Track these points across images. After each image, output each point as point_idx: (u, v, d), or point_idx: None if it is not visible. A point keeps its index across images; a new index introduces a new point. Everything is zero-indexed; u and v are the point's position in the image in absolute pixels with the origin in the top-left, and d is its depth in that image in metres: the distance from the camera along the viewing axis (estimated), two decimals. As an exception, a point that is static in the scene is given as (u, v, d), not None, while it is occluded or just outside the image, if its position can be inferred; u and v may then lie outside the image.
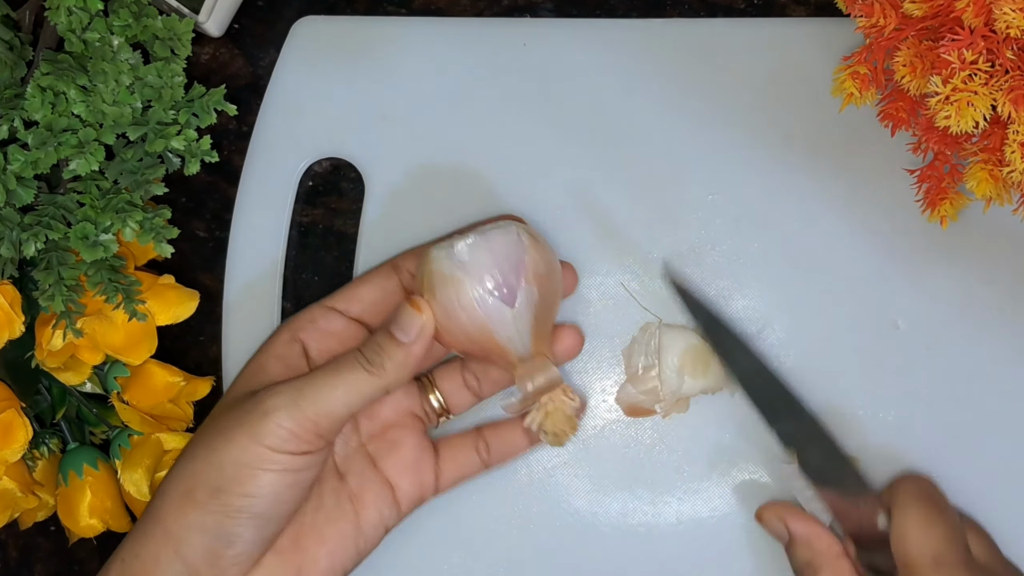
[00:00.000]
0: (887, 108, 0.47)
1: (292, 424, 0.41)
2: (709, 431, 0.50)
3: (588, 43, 0.52)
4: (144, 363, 0.51)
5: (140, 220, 0.46)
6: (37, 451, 0.52)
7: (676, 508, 0.50)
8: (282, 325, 0.48)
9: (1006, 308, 0.50)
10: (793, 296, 0.51)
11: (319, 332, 0.47)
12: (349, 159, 0.53)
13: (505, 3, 0.55)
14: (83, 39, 0.47)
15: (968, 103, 0.40)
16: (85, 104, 0.46)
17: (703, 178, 0.51)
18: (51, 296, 0.47)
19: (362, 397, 0.43)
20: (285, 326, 0.47)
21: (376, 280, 0.48)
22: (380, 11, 0.55)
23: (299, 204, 0.54)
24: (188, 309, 0.51)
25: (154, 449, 0.50)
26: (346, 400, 0.42)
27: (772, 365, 0.49)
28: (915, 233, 0.50)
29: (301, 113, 0.53)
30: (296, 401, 0.42)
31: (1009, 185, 0.44)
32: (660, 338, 0.50)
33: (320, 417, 0.42)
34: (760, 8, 0.54)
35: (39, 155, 0.46)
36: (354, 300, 0.48)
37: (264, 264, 0.53)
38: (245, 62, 0.56)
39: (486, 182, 0.52)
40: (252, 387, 0.45)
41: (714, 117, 0.52)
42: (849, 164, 0.51)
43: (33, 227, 0.46)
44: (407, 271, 0.48)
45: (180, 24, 0.48)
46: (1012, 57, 0.40)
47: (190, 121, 0.48)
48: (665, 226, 0.51)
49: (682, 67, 0.52)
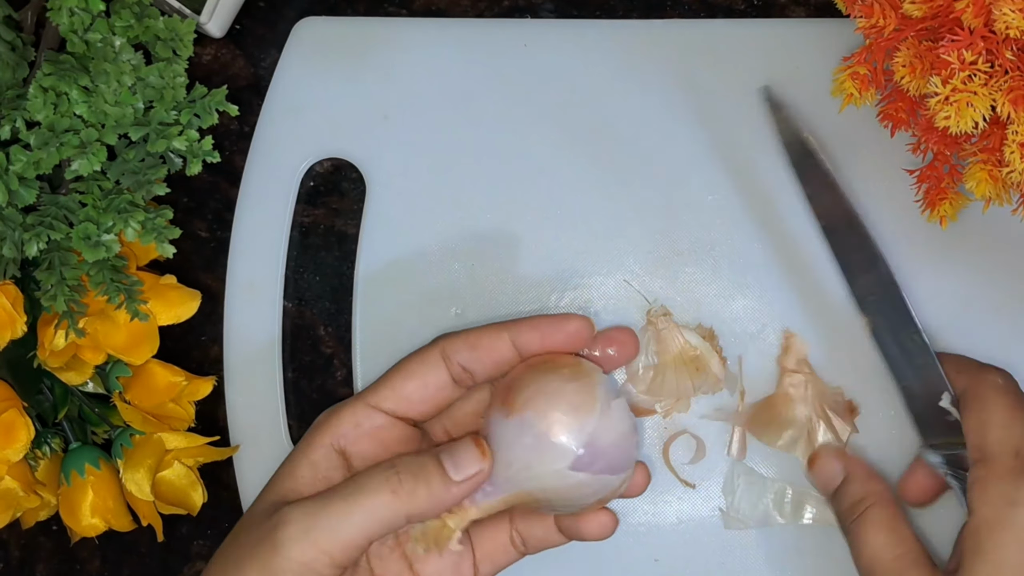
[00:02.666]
0: (887, 108, 0.47)
1: (304, 557, 0.39)
2: (709, 430, 0.50)
3: (588, 44, 0.53)
4: (146, 363, 0.51)
5: (142, 220, 0.47)
6: (39, 451, 0.52)
7: (676, 508, 0.50)
8: (322, 424, 0.44)
9: (1006, 308, 0.50)
10: (793, 296, 0.51)
11: (363, 436, 0.44)
12: (350, 159, 0.53)
13: (505, 4, 0.55)
14: (85, 40, 0.47)
15: (967, 103, 0.40)
16: (87, 105, 0.46)
17: (703, 178, 0.52)
18: (53, 296, 0.47)
19: (383, 525, 0.40)
20: (325, 428, 0.44)
21: (425, 375, 0.44)
22: (381, 12, 0.55)
23: (300, 204, 0.54)
24: (190, 309, 0.51)
25: (156, 448, 0.50)
26: (364, 528, 0.39)
27: (859, 212, 0.47)
28: (914, 233, 0.50)
29: (302, 113, 0.53)
30: (308, 532, 0.39)
31: (1008, 185, 0.44)
32: (660, 338, 0.50)
33: (334, 547, 0.39)
34: (760, 9, 0.54)
35: (41, 155, 0.46)
36: (402, 399, 0.44)
37: (265, 264, 0.53)
38: (246, 63, 0.56)
39: (487, 182, 0.52)
40: (280, 497, 0.42)
41: (714, 117, 0.52)
42: (848, 164, 0.51)
43: (35, 227, 0.46)
44: (459, 365, 0.44)
45: (182, 25, 0.48)
46: (1011, 57, 0.40)
47: (192, 121, 0.48)
48: (665, 226, 0.52)
49: (682, 67, 0.52)
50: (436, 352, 0.44)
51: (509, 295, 0.52)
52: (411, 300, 0.52)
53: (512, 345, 0.44)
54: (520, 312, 0.51)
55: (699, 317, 0.51)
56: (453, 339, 0.44)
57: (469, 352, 0.44)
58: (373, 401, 0.44)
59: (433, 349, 0.44)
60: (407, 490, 0.40)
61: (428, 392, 0.44)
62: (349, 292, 0.53)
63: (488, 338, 0.44)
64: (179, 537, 0.55)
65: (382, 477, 0.40)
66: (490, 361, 0.44)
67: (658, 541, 0.50)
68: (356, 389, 0.52)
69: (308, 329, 0.54)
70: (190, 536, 0.55)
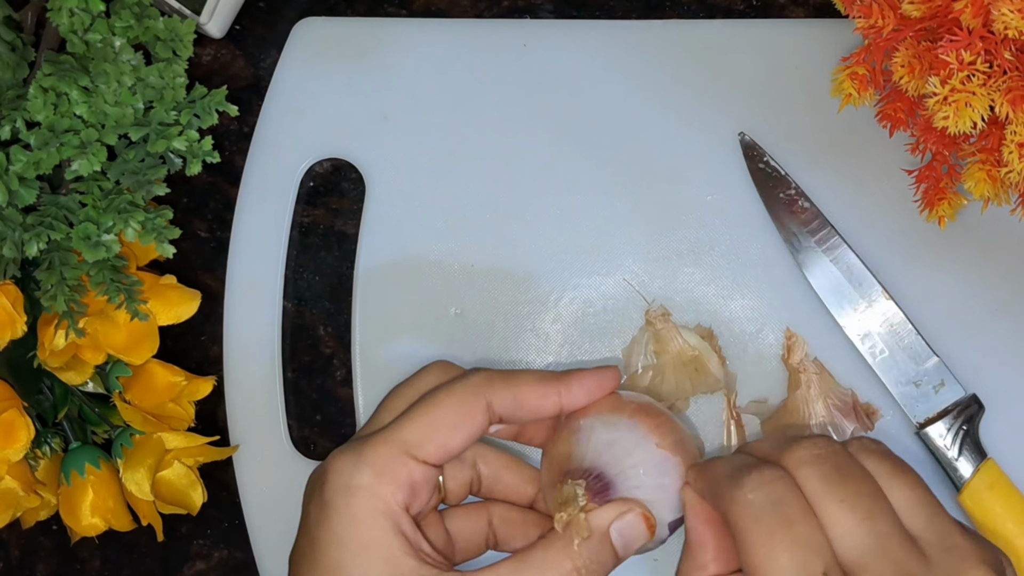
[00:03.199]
0: (885, 109, 0.47)
1: None
2: (709, 430, 0.50)
3: (588, 44, 0.53)
4: (146, 363, 0.51)
5: (142, 220, 0.47)
6: (39, 450, 0.52)
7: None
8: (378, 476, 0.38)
9: (1004, 308, 0.50)
10: (792, 296, 0.51)
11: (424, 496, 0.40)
12: (350, 159, 0.53)
13: (505, 4, 0.55)
14: (85, 40, 0.47)
15: (966, 104, 0.40)
16: (87, 105, 0.46)
17: (702, 178, 0.52)
18: (53, 296, 0.47)
19: None
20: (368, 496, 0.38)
21: (471, 428, 0.40)
22: (381, 12, 0.55)
23: (300, 204, 0.54)
24: (190, 309, 0.51)
25: (156, 448, 0.50)
26: None
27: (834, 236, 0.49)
28: (913, 233, 0.50)
29: (302, 114, 0.53)
30: None
31: (1007, 185, 0.44)
32: (659, 338, 0.50)
33: None
34: (759, 9, 0.54)
35: (41, 156, 0.46)
36: (442, 450, 0.40)
37: (265, 264, 0.53)
38: (246, 63, 0.56)
39: (487, 182, 0.52)
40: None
41: (713, 118, 0.52)
42: (847, 164, 0.51)
43: (35, 227, 0.46)
44: (498, 413, 0.41)
45: (182, 25, 0.48)
46: (1010, 58, 0.40)
47: (192, 122, 0.48)
48: (665, 226, 0.52)
49: (682, 68, 0.52)
50: (481, 403, 0.40)
51: (509, 295, 0.52)
52: (411, 300, 0.52)
53: (560, 403, 0.42)
54: (519, 312, 0.51)
55: (698, 317, 0.51)
56: (499, 390, 0.41)
57: (513, 408, 0.41)
58: (412, 450, 0.39)
59: (478, 399, 0.40)
60: None
61: (466, 443, 0.40)
62: (349, 292, 0.53)
63: (537, 397, 0.41)
64: (179, 537, 0.55)
65: None
66: (529, 415, 0.42)
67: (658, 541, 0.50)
68: (356, 389, 0.52)
69: (308, 329, 0.54)
70: (190, 536, 0.55)
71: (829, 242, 0.49)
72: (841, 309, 0.49)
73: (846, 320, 0.49)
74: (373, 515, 0.38)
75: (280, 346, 0.53)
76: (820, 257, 0.49)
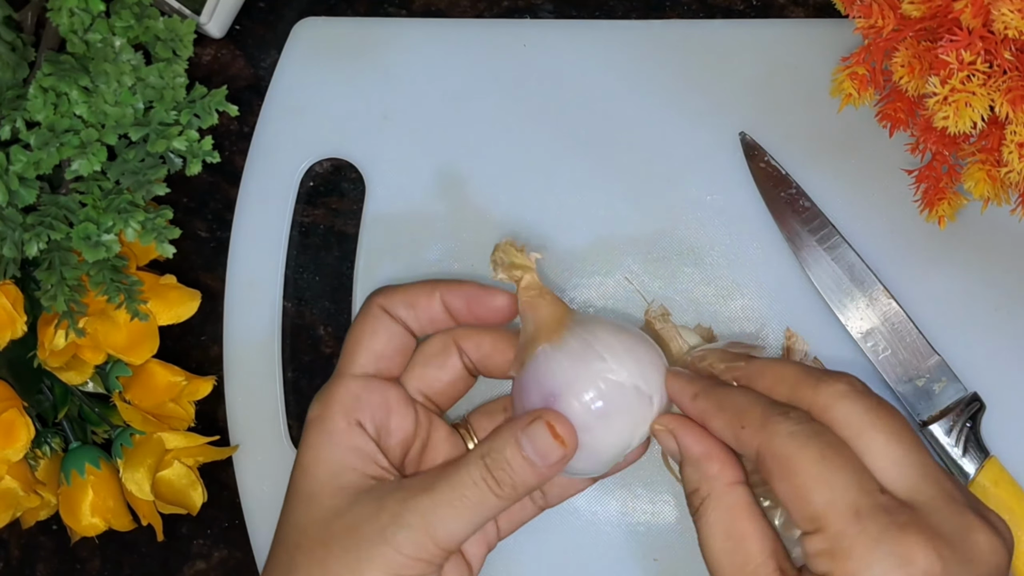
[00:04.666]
0: (885, 109, 0.47)
1: (420, 553, 0.39)
2: (709, 430, 0.51)
3: (588, 44, 0.53)
4: (146, 363, 0.51)
5: (142, 220, 0.47)
6: (39, 450, 0.52)
7: (676, 508, 0.50)
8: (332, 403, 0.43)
9: (1004, 308, 0.50)
10: (792, 296, 0.51)
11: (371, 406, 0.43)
12: (350, 159, 0.53)
13: (505, 4, 0.55)
14: (85, 40, 0.47)
15: (966, 104, 0.40)
16: (87, 105, 0.46)
17: (703, 178, 0.52)
18: (53, 296, 0.47)
19: (486, 519, 0.40)
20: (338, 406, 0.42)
21: (384, 330, 0.44)
22: (381, 12, 0.55)
23: (300, 204, 0.54)
24: (190, 309, 0.51)
25: (156, 448, 0.50)
26: (472, 524, 0.40)
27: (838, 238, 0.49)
28: (913, 233, 0.50)
29: (302, 114, 0.53)
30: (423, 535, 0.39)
31: (1007, 185, 0.44)
32: (658, 338, 0.50)
33: (444, 542, 0.39)
34: (759, 9, 0.54)
35: (41, 156, 0.46)
36: (380, 359, 0.44)
37: (265, 264, 0.53)
38: (246, 63, 0.56)
39: (486, 182, 0.52)
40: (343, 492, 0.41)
41: (713, 118, 0.52)
42: (847, 164, 0.51)
43: (35, 227, 0.46)
44: (401, 318, 0.44)
45: (182, 25, 0.48)
46: (1010, 58, 0.40)
47: (192, 122, 0.48)
48: (665, 226, 0.52)
49: (682, 68, 0.52)
50: (376, 309, 0.44)
51: (509, 295, 0.52)
52: (411, 300, 0.52)
53: (444, 306, 0.44)
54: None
55: (698, 317, 0.51)
56: (391, 296, 0.44)
57: (406, 310, 0.44)
58: (345, 370, 0.43)
59: (372, 307, 0.44)
60: (504, 486, 0.40)
61: (391, 342, 0.44)
62: (349, 292, 0.53)
63: (425, 296, 0.44)
64: (179, 537, 0.55)
65: (478, 477, 0.40)
66: (426, 319, 0.45)
67: (658, 541, 0.50)
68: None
69: (308, 329, 0.54)
70: (190, 536, 0.55)
71: (830, 241, 0.49)
72: (843, 307, 0.49)
73: (848, 317, 0.49)
74: (321, 437, 0.42)
75: (280, 346, 0.53)
76: (822, 255, 0.49)
